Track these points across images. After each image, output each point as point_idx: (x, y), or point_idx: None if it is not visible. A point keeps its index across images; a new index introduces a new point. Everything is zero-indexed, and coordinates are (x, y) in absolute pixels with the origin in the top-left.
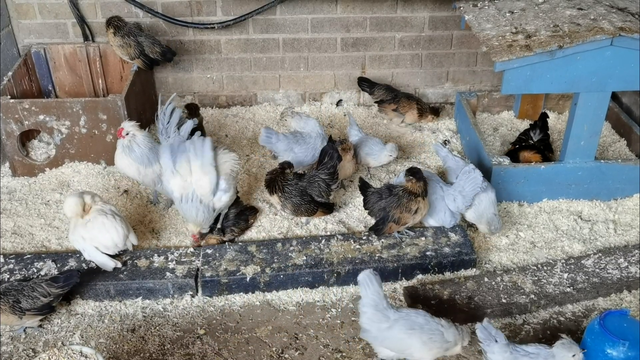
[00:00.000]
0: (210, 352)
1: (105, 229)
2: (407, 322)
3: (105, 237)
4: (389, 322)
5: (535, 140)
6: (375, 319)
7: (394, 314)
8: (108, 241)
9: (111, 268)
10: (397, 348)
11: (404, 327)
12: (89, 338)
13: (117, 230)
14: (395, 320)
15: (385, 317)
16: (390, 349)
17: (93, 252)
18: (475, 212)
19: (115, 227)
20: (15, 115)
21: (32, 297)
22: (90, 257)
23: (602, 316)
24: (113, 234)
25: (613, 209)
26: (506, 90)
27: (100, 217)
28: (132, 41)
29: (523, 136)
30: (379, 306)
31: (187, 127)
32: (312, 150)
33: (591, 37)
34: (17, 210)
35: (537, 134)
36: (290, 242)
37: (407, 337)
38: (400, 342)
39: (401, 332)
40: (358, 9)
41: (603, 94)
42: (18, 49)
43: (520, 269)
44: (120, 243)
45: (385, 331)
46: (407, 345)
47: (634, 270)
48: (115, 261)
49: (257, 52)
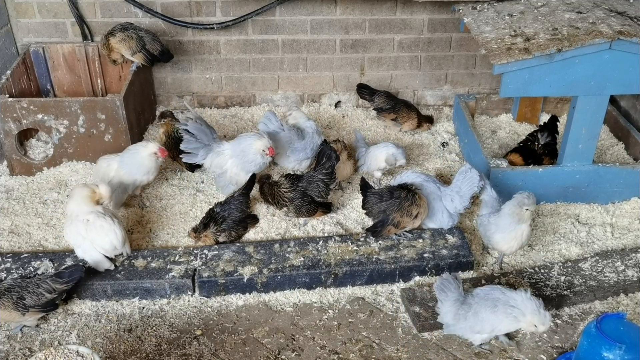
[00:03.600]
0: (207, 352)
1: (104, 232)
2: (488, 302)
3: (104, 240)
4: (472, 309)
5: (542, 144)
6: (458, 312)
7: (472, 298)
8: (107, 244)
9: (104, 269)
10: (487, 329)
11: (488, 307)
12: (86, 338)
13: (115, 234)
14: (477, 303)
15: (468, 306)
16: (481, 332)
17: (90, 250)
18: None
19: (114, 231)
20: (14, 114)
21: (37, 294)
22: (85, 255)
23: (598, 319)
24: (112, 237)
25: (610, 212)
26: (504, 93)
27: (99, 220)
28: (134, 34)
29: (530, 137)
30: (458, 301)
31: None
32: (310, 144)
33: (590, 40)
34: (14, 209)
35: (544, 137)
36: (288, 243)
37: (493, 316)
38: (489, 323)
39: (487, 313)
40: (357, 10)
41: (601, 98)
42: (17, 47)
43: (517, 271)
44: (119, 245)
45: (472, 318)
46: (496, 322)
47: (630, 273)
48: (110, 262)
49: (256, 53)
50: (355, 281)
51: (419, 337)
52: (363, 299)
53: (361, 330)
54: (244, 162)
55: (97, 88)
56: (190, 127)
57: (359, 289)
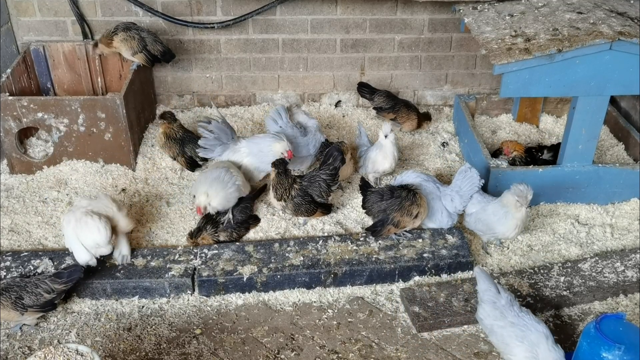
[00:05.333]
0: (206, 352)
1: (88, 228)
2: (519, 331)
3: (87, 237)
4: (504, 322)
5: (543, 157)
6: (492, 315)
7: (512, 315)
8: (89, 241)
9: (84, 263)
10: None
11: (514, 334)
12: (85, 336)
13: (99, 230)
14: (512, 323)
15: (502, 316)
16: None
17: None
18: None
19: (97, 227)
20: (14, 112)
21: (36, 294)
22: (69, 245)
23: (598, 320)
24: (95, 233)
25: (610, 213)
26: (505, 94)
27: (85, 217)
28: (135, 34)
29: (536, 147)
30: (496, 304)
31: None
32: (313, 141)
33: (590, 41)
34: (14, 208)
35: (548, 155)
36: (288, 243)
37: (514, 346)
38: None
39: (510, 338)
40: (358, 10)
41: (602, 98)
42: (17, 46)
43: (517, 272)
44: (102, 243)
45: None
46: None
47: (630, 274)
48: (92, 256)
49: (257, 53)
50: (355, 281)
51: (418, 337)
52: (362, 298)
53: (360, 330)
54: (260, 162)
55: (97, 87)
56: (213, 125)
57: (358, 289)
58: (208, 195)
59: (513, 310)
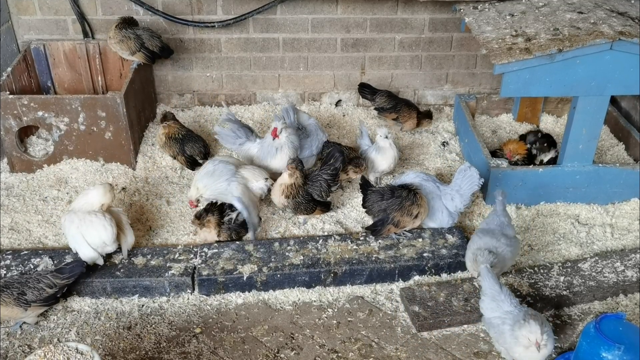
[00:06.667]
0: (206, 350)
1: (94, 226)
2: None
3: (93, 235)
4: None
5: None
6: (490, 307)
7: (509, 306)
8: (96, 239)
9: (91, 262)
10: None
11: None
12: (85, 335)
13: (105, 228)
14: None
15: (498, 307)
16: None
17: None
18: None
19: (103, 225)
20: (14, 111)
21: (38, 289)
22: (74, 244)
23: (598, 320)
24: (101, 231)
25: (610, 213)
26: (505, 93)
27: (89, 216)
28: (131, 34)
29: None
30: (495, 297)
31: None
32: (315, 141)
33: (591, 41)
34: (14, 206)
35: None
36: (288, 242)
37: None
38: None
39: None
40: (358, 9)
41: (602, 98)
42: (17, 44)
43: (516, 271)
44: (108, 241)
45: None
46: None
47: (630, 274)
48: (98, 255)
49: (257, 52)
50: (355, 280)
51: (418, 337)
52: (362, 298)
53: (360, 329)
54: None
55: (97, 86)
56: (234, 121)
57: (358, 288)
58: (198, 189)
59: (511, 303)
